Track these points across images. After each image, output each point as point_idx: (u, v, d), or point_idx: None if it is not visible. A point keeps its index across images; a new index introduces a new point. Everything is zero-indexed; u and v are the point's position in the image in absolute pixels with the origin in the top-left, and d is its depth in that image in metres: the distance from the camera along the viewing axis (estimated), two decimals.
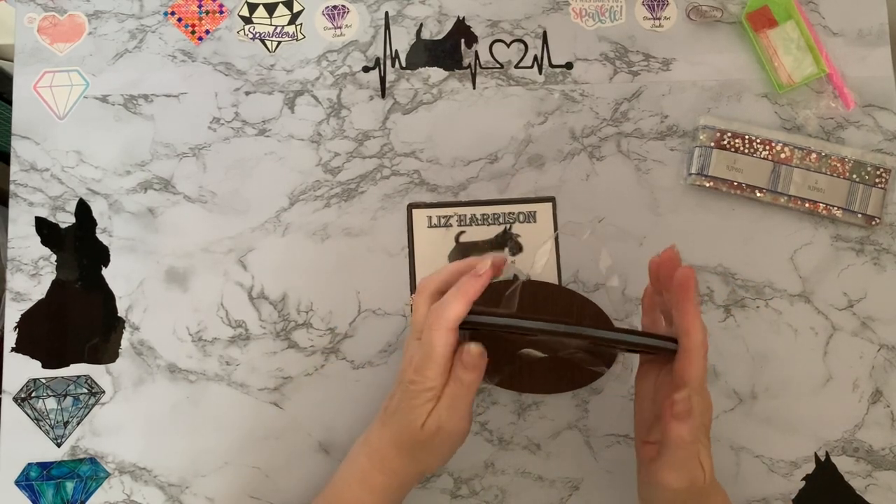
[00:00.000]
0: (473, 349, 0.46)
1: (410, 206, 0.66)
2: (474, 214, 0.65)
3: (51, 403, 0.61)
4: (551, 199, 0.66)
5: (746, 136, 0.66)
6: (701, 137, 0.66)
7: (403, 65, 0.68)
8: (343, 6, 0.69)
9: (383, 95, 0.68)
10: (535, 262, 0.60)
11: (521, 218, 0.65)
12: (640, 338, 0.46)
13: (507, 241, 0.65)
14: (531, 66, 0.69)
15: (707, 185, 0.65)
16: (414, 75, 0.68)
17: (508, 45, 0.69)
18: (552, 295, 0.62)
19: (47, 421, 0.61)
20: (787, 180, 0.65)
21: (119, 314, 0.63)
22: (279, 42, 0.69)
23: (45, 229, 0.65)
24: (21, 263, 0.64)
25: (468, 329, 0.48)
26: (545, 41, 0.69)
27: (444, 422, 0.47)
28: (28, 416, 0.61)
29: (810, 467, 0.62)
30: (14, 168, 0.65)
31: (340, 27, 0.69)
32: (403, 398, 0.48)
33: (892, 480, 0.62)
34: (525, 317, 0.46)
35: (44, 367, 0.62)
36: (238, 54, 0.68)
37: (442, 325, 0.46)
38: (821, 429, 0.63)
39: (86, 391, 0.62)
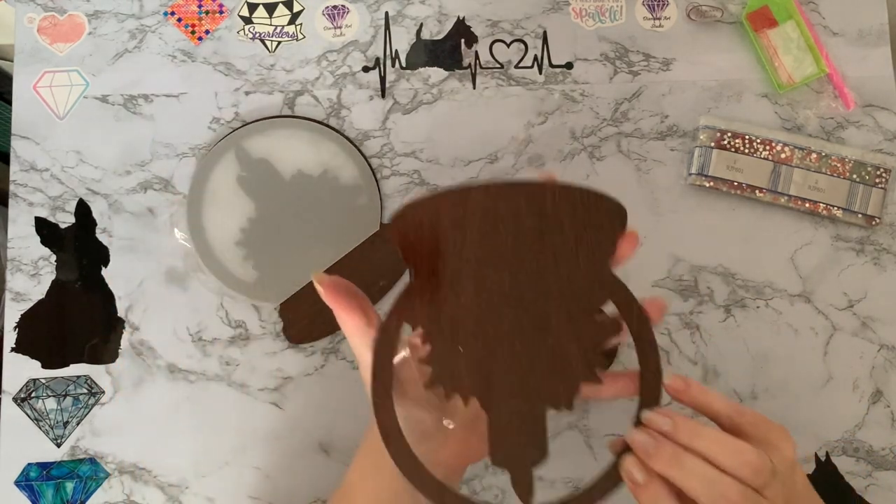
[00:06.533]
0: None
1: None
2: None
3: (50, 403, 0.61)
4: None
5: (747, 136, 0.66)
6: (701, 137, 0.66)
7: (403, 65, 0.68)
8: (343, 6, 0.69)
9: (383, 95, 0.68)
10: None
11: None
12: None
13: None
14: (531, 66, 0.69)
15: (707, 185, 0.65)
16: (414, 75, 0.68)
17: (508, 45, 0.69)
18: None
19: (47, 421, 0.61)
20: (788, 180, 0.65)
21: (119, 314, 0.63)
22: (279, 42, 0.68)
23: (45, 229, 0.65)
24: (21, 263, 0.64)
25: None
26: (545, 41, 0.69)
27: None
28: (28, 416, 0.61)
29: (811, 467, 0.62)
30: (14, 168, 0.65)
31: (340, 27, 0.69)
32: None
33: (892, 481, 0.62)
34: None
35: (44, 367, 0.62)
36: (238, 54, 0.68)
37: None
38: (821, 429, 0.63)
39: (85, 391, 0.62)
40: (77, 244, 0.64)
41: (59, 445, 0.61)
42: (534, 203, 0.39)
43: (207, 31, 0.68)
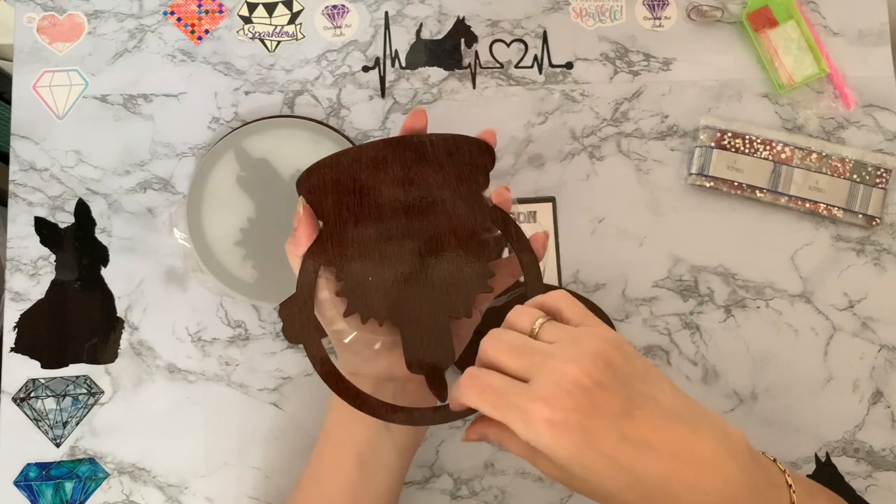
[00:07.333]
0: None
1: None
2: None
3: (50, 403, 0.61)
4: (551, 199, 0.66)
5: (747, 136, 0.66)
6: (701, 137, 0.66)
7: (403, 64, 0.68)
8: (343, 6, 0.69)
9: (383, 95, 0.68)
10: None
11: (522, 218, 0.65)
12: None
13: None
14: (531, 66, 0.69)
15: (707, 185, 0.65)
16: (414, 75, 0.68)
17: (508, 45, 0.69)
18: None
19: (46, 421, 0.61)
20: (788, 180, 0.65)
21: (118, 314, 0.63)
22: (279, 42, 0.68)
23: (45, 229, 0.64)
24: (20, 263, 0.64)
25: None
26: (545, 41, 0.69)
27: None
28: (27, 416, 0.61)
29: (811, 468, 0.62)
30: (13, 168, 0.65)
31: (340, 27, 0.69)
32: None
33: (892, 481, 0.62)
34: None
35: (43, 367, 0.62)
36: (238, 54, 0.68)
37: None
38: (821, 429, 0.63)
39: (85, 391, 0.62)
40: (76, 244, 0.64)
41: (58, 445, 0.61)
42: (417, 151, 0.46)
43: (207, 31, 0.68)
